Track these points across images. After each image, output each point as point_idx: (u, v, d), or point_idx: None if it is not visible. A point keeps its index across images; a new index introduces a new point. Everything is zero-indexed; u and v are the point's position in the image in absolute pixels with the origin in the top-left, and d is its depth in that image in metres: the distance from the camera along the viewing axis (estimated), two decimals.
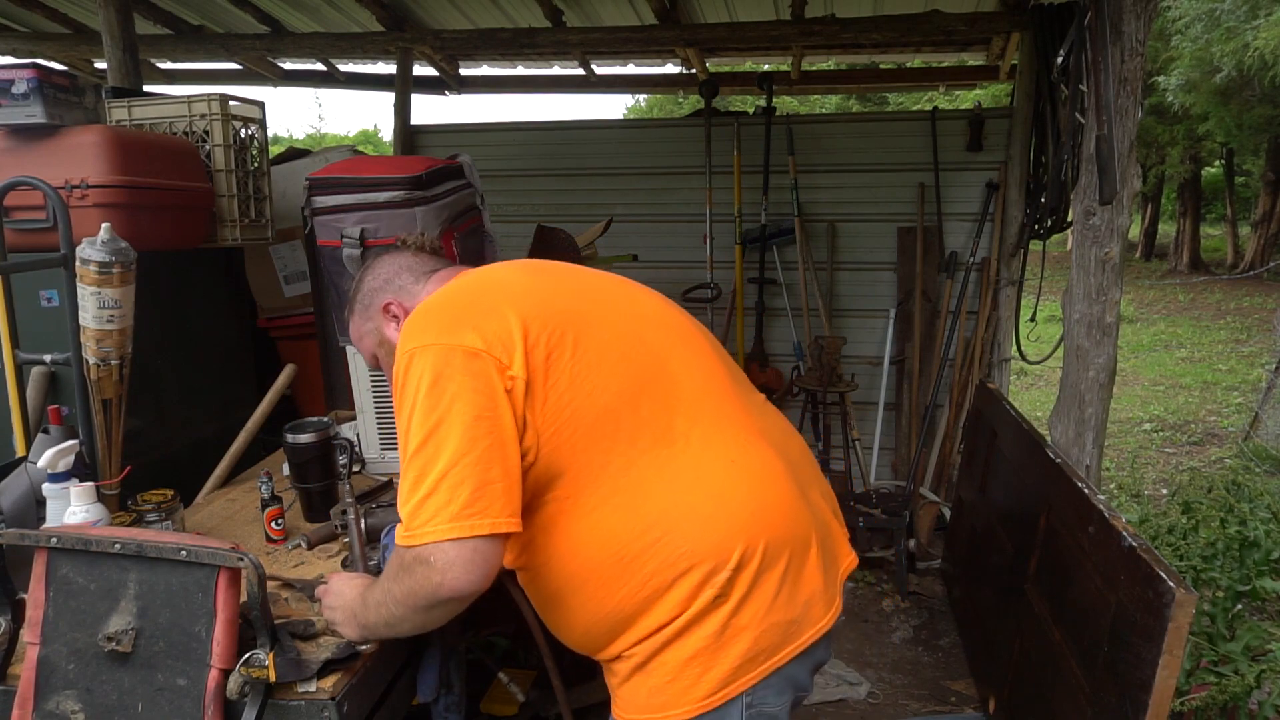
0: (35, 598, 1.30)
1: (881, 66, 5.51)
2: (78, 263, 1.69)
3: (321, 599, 1.39)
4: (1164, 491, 4.82)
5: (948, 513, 3.85)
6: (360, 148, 3.89)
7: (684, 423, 1.22)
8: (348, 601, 1.33)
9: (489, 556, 1.12)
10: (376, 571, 1.58)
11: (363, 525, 1.67)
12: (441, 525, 1.11)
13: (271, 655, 1.23)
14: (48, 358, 1.90)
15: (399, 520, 1.16)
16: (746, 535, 1.18)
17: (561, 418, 1.17)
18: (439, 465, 1.12)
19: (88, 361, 1.75)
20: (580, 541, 1.20)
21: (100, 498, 1.57)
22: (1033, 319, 4.28)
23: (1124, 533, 1.56)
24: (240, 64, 5.12)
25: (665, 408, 1.22)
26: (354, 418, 2.25)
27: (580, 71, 5.23)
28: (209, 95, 2.51)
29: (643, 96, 19.35)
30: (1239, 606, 2.54)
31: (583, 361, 1.20)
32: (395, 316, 1.43)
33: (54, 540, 1.29)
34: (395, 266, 1.47)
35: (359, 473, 2.20)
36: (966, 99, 10.17)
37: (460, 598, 1.14)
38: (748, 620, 1.18)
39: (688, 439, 1.21)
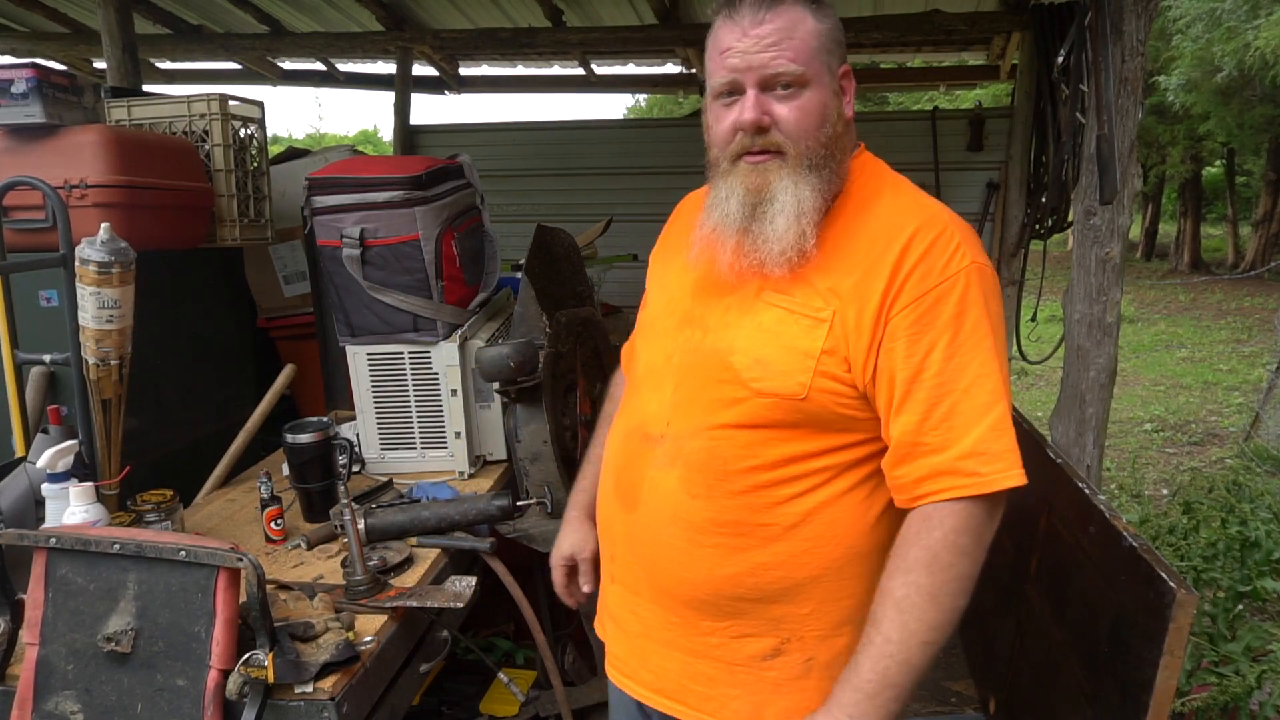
0: (34, 598, 1.30)
1: (881, 66, 5.51)
2: (77, 263, 1.69)
3: None
4: (1165, 492, 4.81)
5: None
6: (360, 148, 3.89)
7: None
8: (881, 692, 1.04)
9: None
10: (375, 576, 1.58)
11: (361, 526, 1.67)
12: (1016, 469, 1.02)
13: (271, 656, 1.23)
14: (47, 358, 1.90)
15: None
16: None
17: None
18: (1003, 402, 1.04)
19: (87, 361, 1.74)
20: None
21: (99, 498, 1.57)
22: (1033, 319, 4.27)
23: (1125, 533, 1.56)
24: (240, 64, 5.12)
25: None
26: (354, 418, 2.25)
27: (580, 71, 5.22)
28: (208, 95, 2.51)
29: (643, 96, 19.34)
30: (1240, 607, 2.54)
31: None
32: (846, 92, 1.15)
33: (53, 540, 1.29)
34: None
35: (359, 473, 2.20)
36: (967, 99, 10.15)
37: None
38: None
39: None
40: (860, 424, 1.10)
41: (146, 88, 3.21)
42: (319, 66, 5.26)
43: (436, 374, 2.15)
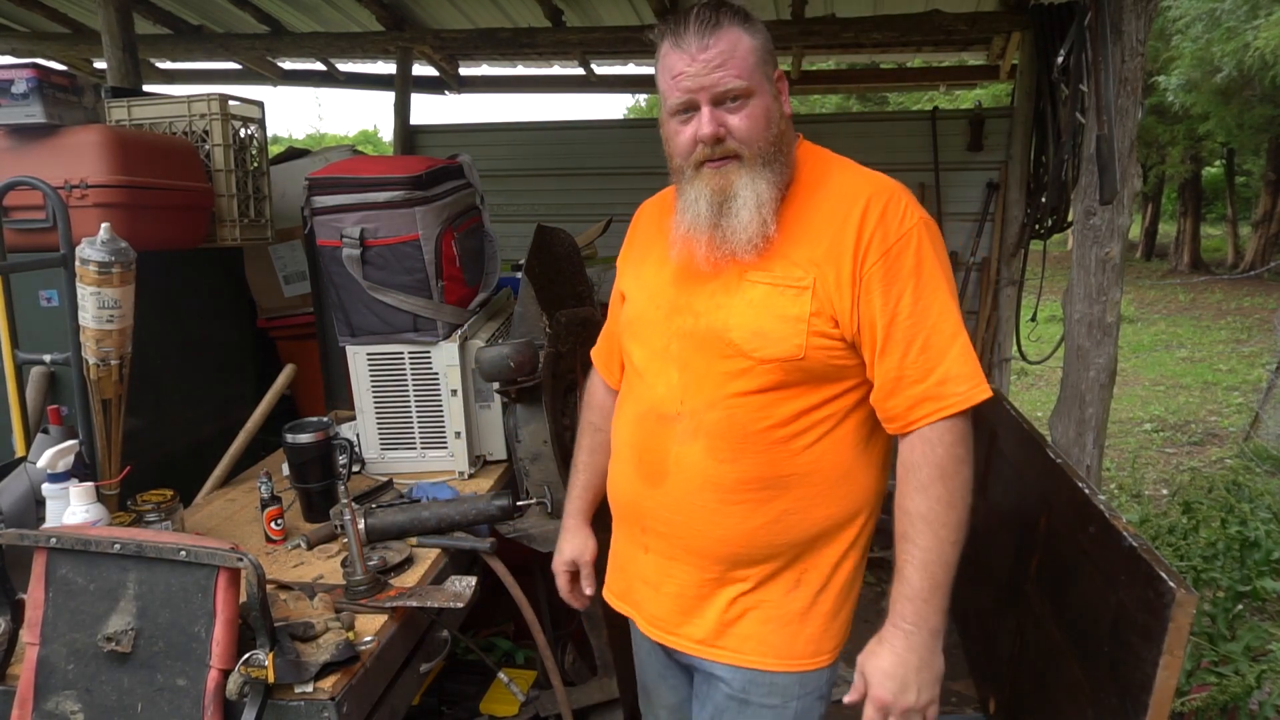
0: (35, 598, 1.30)
1: (881, 66, 5.50)
2: (77, 263, 1.69)
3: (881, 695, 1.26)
4: (1164, 492, 4.81)
5: None
6: (360, 148, 3.88)
7: None
8: (926, 642, 1.23)
9: None
10: (376, 576, 1.58)
11: (361, 526, 1.67)
12: (984, 384, 1.21)
13: (271, 656, 1.23)
14: (47, 358, 1.90)
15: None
16: None
17: None
18: (963, 332, 1.22)
19: (87, 361, 1.74)
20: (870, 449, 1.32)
21: (100, 498, 1.57)
22: (1033, 319, 4.27)
23: (1124, 533, 1.56)
24: (240, 64, 5.11)
25: None
26: (354, 418, 2.25)
27: (580, 71, 5.22)
28: (208, 95, 2.51)
29: (643, 96, 19.33)
30: (1239, 607, 2.54)
31: None
32: (782, 93, 1.30)
33: (53, 540, 1.29)
34: None
35: (359, 473, 2.20)
36: (967, 99, 10.16)
37: None
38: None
39: None
40: (849, 371, 1.26)
41: (146, 88, 3.21)
42: (319, 66, 5.26)
43: (436, 374, 2.15)
